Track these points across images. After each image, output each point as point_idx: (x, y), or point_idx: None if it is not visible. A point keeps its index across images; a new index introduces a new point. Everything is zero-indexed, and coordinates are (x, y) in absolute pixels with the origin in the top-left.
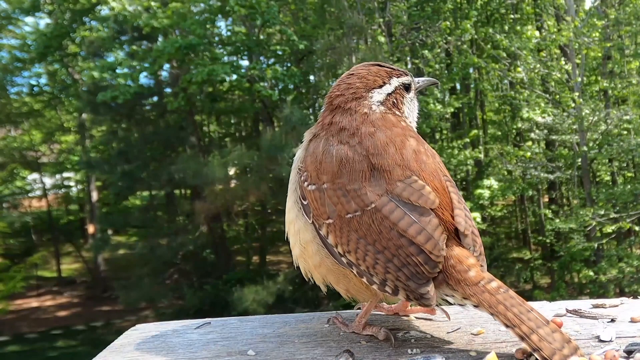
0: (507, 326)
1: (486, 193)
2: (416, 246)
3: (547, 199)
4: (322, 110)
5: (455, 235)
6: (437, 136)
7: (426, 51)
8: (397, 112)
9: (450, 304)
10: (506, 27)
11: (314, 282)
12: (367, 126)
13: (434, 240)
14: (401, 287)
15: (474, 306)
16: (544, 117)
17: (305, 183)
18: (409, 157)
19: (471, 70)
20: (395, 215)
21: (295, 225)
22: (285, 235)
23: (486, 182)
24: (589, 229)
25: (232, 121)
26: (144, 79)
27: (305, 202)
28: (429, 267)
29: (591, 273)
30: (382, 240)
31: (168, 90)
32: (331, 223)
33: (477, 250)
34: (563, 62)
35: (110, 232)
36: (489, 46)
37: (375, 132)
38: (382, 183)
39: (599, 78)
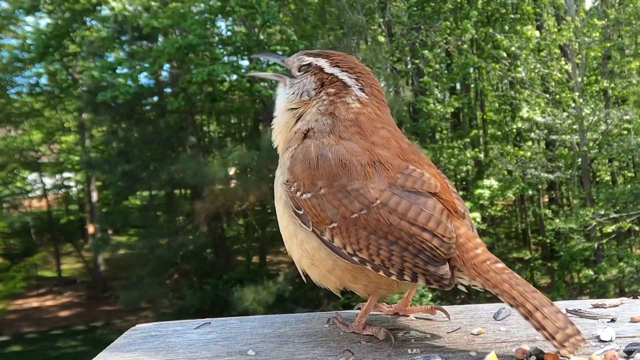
0: (511, 305)
1: (486, 193)
2: (429, 232)
3: (547, 199)
4: (357, 91)
5: (458, 216)
6: (437, 136)
7: (426, 51)
8: None
9: (463, 289)
10: (506, 27)
11: (329, 289)
12: (375, 121)
13: (444, 224)
14: (420, 273)
15: (481, 288)
16: (544, 117)
17: (298, 193)
18: (406, 148)
19: (471, 70)
20: (402, 207)
21: (297, 238)
22: (288, 251)
23: (486, 182)
24: (589, 229)
25: (232, 121)
26: (144, 79)
27: (301, 212)
28: (445, 249)
29: (591, 273)
30: (394, 232)
31: (168, 90)
32: (335, 226)
33: (474, 229)
34: (563, 62)
35: (110, 232)
36: (489, 46)
37: (380, 129)
38: (383, 178)
39: (599, 78)
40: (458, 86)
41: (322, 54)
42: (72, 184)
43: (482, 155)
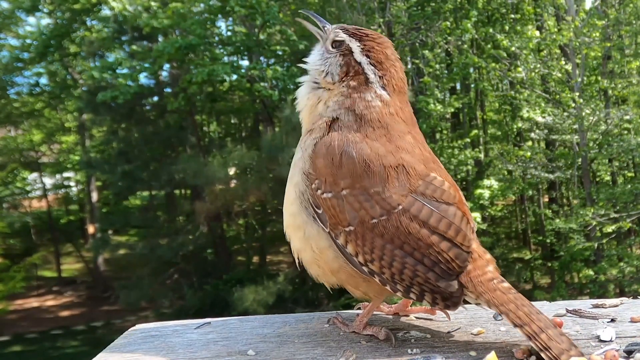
0: (515, 325)
1: (486, 193)
2: (448, 241)
3: (547, 199)
4: (378, 88)
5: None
6: (437, 136)
7: (426, 51)
8: None
9: (462, 307)
10: (506, 27)
11: (327, 286)
12: (401, 124)
13: (464, 232)
14: (428, 290)
15: (486, 305)
16: (544, 117)
17: (319, 191)
18: (427, 157)
19: (471, 70)
20: (424, 214)
21: (306, 232)
22: (286, 236)
23: (486, 182)
24: (589, 229)
25: (232, 121)
26: (144, 79)
27: (320, 211)
28: (460, 261)
29: (591, 273)
30: (411, 242)
31: (168, 90)
32: (352, 230)
33: (480, 246)
34: (563, 62)
35: (110, 232)
36: (489, 46)
37: (406, 134)
38: (405, 183)
39: (599, 78)
40: (458, 86)
41: (357, 34)
42: (72, 184)
43: (482, 155)
